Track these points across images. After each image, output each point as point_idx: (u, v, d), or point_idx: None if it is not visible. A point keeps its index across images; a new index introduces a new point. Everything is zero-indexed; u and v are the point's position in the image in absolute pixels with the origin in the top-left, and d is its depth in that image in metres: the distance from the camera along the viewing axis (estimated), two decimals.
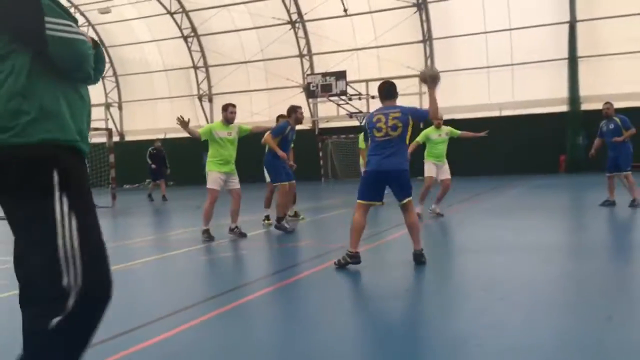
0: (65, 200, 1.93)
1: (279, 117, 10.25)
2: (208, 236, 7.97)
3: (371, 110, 23.23)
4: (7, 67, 1.92)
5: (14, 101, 1.91)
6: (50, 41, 1.91)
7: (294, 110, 9.19)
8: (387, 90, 6.03)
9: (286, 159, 8.88)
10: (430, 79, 5.75)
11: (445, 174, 10.26)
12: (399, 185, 5.88)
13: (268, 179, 9.60)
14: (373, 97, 24.64)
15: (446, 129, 10.25)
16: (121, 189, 24.54)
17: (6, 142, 1.91)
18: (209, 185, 8.31)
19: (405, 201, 5.93)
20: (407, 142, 5.98)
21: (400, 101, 6.29)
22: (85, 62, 2.02)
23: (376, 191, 5.95)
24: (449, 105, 25.32)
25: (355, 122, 25.75)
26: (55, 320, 1.88)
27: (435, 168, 10.23)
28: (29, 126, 1.91)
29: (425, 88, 6.08)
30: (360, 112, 24.41)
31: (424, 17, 24.89)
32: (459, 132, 10.58)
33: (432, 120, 9.36)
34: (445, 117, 25.21)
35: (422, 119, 6.27)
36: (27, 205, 1.92)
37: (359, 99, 24.36)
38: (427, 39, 25.18)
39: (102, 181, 23.39)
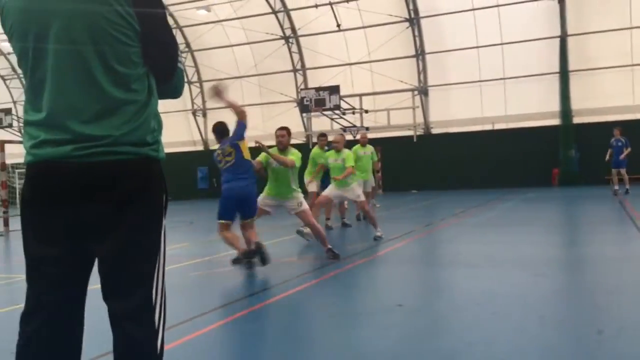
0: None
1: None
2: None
3: (365, 125, 23.36)
4: (146, 86, 1.95)
5: (155, 119, 1.96)
6: (177, 73, 2.09)
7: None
8: (220, 130, 7.01)
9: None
10: (213, 92, 6.30)
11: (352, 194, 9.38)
12: (242, 207, 6.79)
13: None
14: (366, 112, 24.80)
15: (346, 154, 9.50)
16: None
17: (146, 154, 1.94)
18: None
19: (248, 220, 6.87)
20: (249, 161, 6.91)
21: (396, 115, 6.41)
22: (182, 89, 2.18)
23: (227, 211, 6.78)
24: (443, 119, 25.55)
25: (349, 137, 25.84)
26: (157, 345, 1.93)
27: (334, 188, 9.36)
28: (160, 143, 1.98)
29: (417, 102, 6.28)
30: (354, 126, 24.50)
31: (416, 32, 25.11)
32: (351, 162, 9.34)
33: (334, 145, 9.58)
34: (439, 131, 25.62)
35: (241, 131, 6.88)
36: (142, 219, 1.93)
37: (353, 113, 24.47)
38: (420, 53, 25.38)
39: None
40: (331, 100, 22.80)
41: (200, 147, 30.08)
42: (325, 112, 23.69)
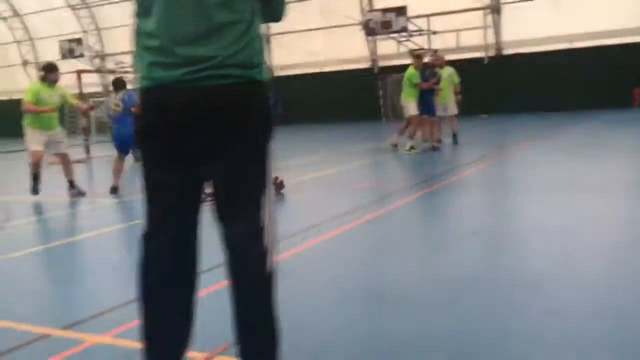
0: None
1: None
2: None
3: (433, 47, 22.54)
4: (249, 7, 1.92)
5: (260, 41, 1.97)
6: None
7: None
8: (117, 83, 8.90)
9: None
10: None
11: None
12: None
13: None
14: (435, 33, 23.88)
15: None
16: None
17: (253, 77, 1.93)
18: None
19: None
20: None
21: (465, 36, 6.13)
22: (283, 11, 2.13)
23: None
24: (513, 39, 24.29)
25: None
26: (270, 264, 1.98)
27: None
28: (263, 65, 1.98)
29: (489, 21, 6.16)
30: (422, 48, 23.70)
31: None
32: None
33: None
34: (511, 51, 24.44)
35: (132, 102, 8.13)
36: (252, 141, 1.95)
37: (420, 35, 23.64)
38: None
39: None
40: (398, 22, 22.03)
41: None
42: (392, 35, 23.00)
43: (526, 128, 15.90)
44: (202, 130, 1.90)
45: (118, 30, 32.56)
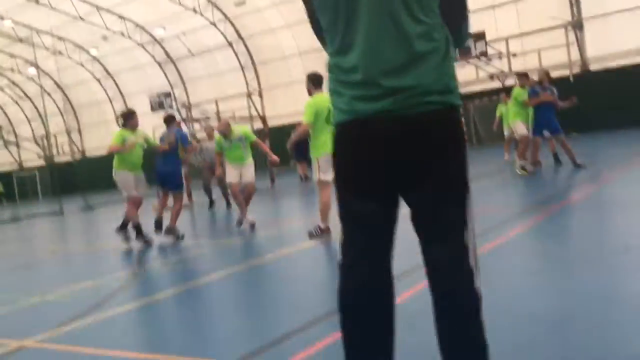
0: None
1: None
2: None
3: (513, 69, 22.05)
4: (443, 35, 2.01)
5: (453, 67, 2.05)
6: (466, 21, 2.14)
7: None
8: (167, 119, 9.43)
9: None
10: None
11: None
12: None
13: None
14: (514, 55, 23.49)
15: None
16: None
17: (451, 101, 2.00)
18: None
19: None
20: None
21: (547, 55, 6.00)
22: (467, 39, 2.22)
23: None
24: (599, 54, 23.46)
25: (497, 84, 24.73)
26: (477, 286, 2.00)
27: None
28: (457, 88, 2.05)
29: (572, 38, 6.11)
30: (502, 71, 23.37)
31: None
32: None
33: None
34: (598, 67, 23.57)
35: (185, 142, 9.05)
36: (454, 165, 2.02)
37: (500, 58, 23.33)
38: None
39: (256, 166, 24.70)
40: (477, 47, 21.89)
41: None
42: (471, 61, 22.84)
43: (624, 145, 15.20)
44: (408, 157, 1.97)
45: (201, 81, 34.20)
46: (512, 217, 6.76)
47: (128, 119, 8.55)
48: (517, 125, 10.98)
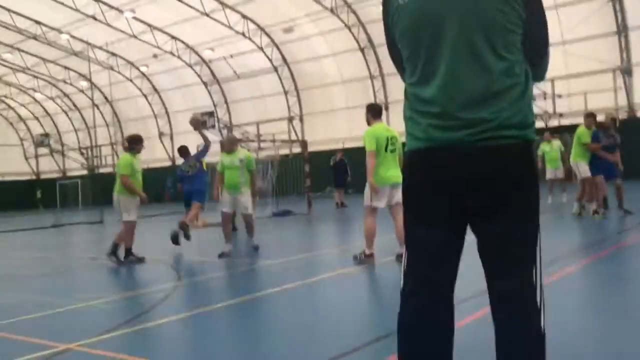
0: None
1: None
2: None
3: (558, 111, 21.84)
4: (524, 70, 2.04)
5: (531, 101, 2.09)
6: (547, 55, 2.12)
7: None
8: (182, 150, 11.48)
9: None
10: (194, 123, 9.65)
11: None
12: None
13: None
14: (559, 97, 23.26)
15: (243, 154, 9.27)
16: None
17: (526, 136, 2.03)
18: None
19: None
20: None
21: (594, 98, 5.96)
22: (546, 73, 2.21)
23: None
24: None
25: (540, 123, 24.47)
26: (542, 325, 2.02)
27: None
28: (534, 123, 2.08)
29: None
30: (546, 112, 23.13)
31: (617, 7, 22.96)
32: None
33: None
34: None
35: (203, 154, 10.60)
36: (528, 200, 2.04)
37: (544, 98, 23.11)
38: (622, 29, 23.18)
39: (292, 189, 24.90)
40: None
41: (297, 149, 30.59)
42: None
43: None
44: (482, 188, 1.99)
45: (244, 103, 34.81)
46: (562, 257, 6.66)
47: (136, 143, 8.95)
48: (581, 166, 10.63)
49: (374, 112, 7.21)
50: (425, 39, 2.05)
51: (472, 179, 1.99)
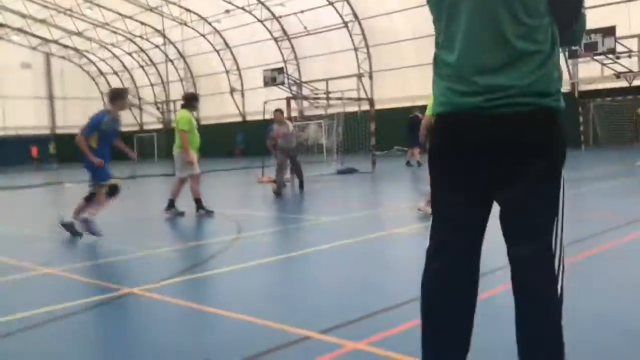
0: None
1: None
2: None
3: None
4: (549, 36, 1.99)
5: (556, 69, 2.02)
6: (580, 20, 2.03)
7: (119, 95, 7.52)
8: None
9: (101, 165, 7.07)
10: None
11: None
12: None
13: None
14: None
15: None
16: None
17: (549, 105, 1.98)
18: None
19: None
20: None
21: None
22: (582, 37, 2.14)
23: None
24: None
25: (623, 83, 23.16)
26: (558, 290, 2.03)
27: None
28: (560, 93, 2.05)
29: None
30: (631, 71, 21.81)
31: None
32: None
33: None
34: None
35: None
36: (546, 167, 2.01)
37: (629, 56, 21.77)
38: None
39: (358, 148, 24.89)
40: (604, 43, 20.53)
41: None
42: (597, 57, 21.49)
43: None
44: (499, 155, 1.99)
45: (314, 60, 34.72)
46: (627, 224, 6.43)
47: (193, 100, 9.17)
48: None
49: None
50: (446, 3, 2.03)
51: (492, 145, 1.99)
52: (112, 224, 7.89)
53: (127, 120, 48.19)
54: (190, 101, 9.16)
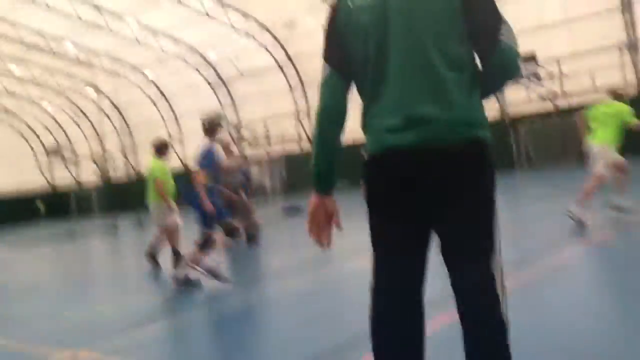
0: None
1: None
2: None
3: (565, 90, 21.50)
4: (474, 67, 2.00)
5: (479, 99, 2.04)
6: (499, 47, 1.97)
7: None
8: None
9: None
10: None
11: None
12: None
13: None
14: (566, 76, 22.96)
15: None
16: None
17: (476, 135, 1.99)
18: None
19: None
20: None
21: (602, 73, 5.80)
22: (516, 71, 2.05)
23: None
24: None
25: (549, 105, 24.28)
26: (502, 312, 2.02)
27: None
28: (486, 121, 2.04)
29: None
30: (554, 91, 22.87)
31: None
32: None
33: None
34: None
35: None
36: (480, 197, 2.02)
37: (551, 79, 22.88)
38: (627, 3, 22.82)
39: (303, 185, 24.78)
40: (527, 69, 21.56)
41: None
42: (521, 81, 22.45)
43: None
44: (434, 189, 1.98)
45: (250, 102, 34.81)
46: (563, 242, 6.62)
47: (164, 147, 8.42)
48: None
49: None
50: (371, 51, 2.04)
51: (425, 180, 1.98)
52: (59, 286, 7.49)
53: (65, 176, 46.67)
54: (162, 148, 8.41)
